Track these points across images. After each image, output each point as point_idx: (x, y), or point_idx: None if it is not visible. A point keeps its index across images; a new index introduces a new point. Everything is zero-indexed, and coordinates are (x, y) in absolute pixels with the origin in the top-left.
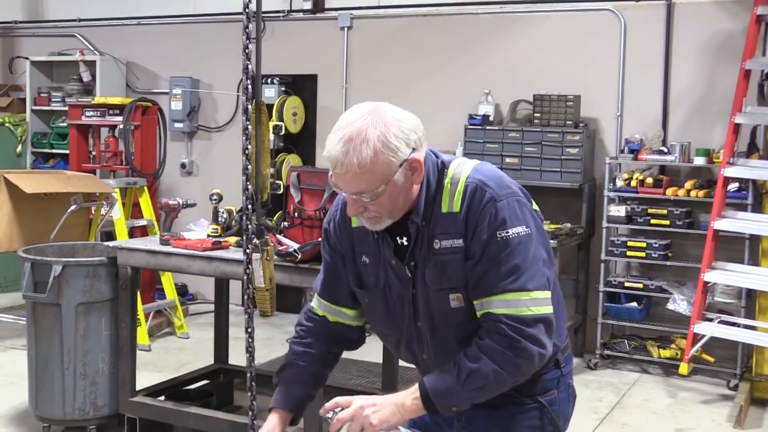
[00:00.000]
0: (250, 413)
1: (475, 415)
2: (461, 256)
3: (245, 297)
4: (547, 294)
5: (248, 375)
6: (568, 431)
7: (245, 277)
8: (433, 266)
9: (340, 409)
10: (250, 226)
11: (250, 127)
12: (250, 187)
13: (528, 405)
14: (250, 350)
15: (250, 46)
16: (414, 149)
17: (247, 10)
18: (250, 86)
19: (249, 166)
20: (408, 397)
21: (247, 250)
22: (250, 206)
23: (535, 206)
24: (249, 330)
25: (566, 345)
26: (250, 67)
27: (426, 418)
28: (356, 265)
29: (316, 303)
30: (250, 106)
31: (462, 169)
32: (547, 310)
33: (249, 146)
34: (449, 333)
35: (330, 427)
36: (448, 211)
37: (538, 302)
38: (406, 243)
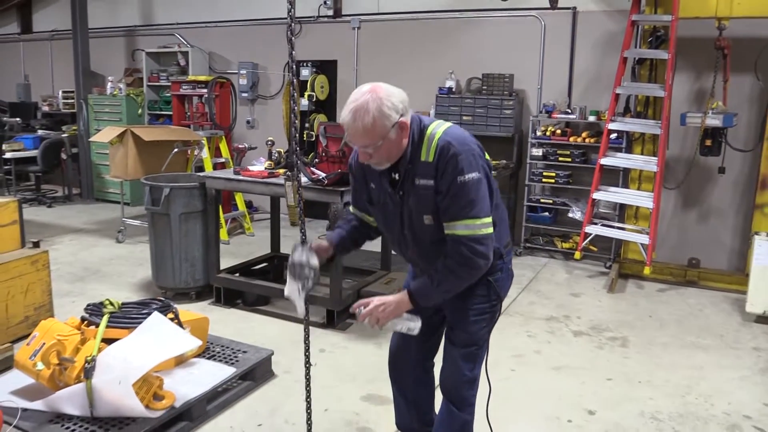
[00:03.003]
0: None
1: None
2: (432, 192)
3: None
4: (490, 219)
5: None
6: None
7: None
8: (414, 196)
9: (363, 307)
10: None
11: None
12: (293, 128)
13: (480, 282)
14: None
15: (291, 40)
16: (402, 115)
17: (290, 16)
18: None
19: (296, 121)
20: (404, 296)
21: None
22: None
23: (487, 157)
24: (301, 209)
25: (508, 242)
26: (293, 53)
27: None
28: (367, 188)
29: (351, 208)
30: (295, 80)
31: (436, 130)
32: (490, 230)
33: (295, 107)
34: (425, 238)
35: (357, 318)
36: (425, 160)
37: (485, 225)
38: (397, 178)
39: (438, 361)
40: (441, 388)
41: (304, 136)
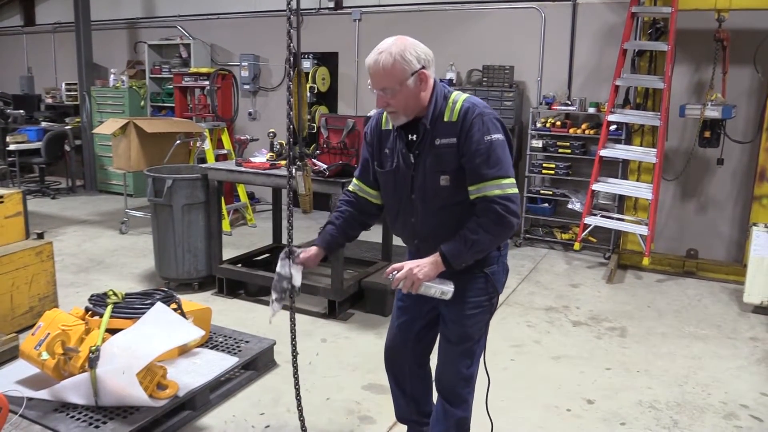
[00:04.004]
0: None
1: (443, 276)
2: (454, 150)
3: (288, 199)
4: (515, 180)
5: (287, 244)
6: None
7: (288, 187)
8: (433, 156)
9: (396, 272)
10: (292, 154)
11: (291, 86)
12: (292, 127)
13: (477, 275)
14: (290, 232)
15: (292, 32)
16: (423, 66)
17: (290, 8)
18: (292, 59)
19: (292, 113)
20: (436, 258)
21: (291, 169)
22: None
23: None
24: (290, 221)
25: None
26: (291, 45)
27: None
28: (380, 153)
29: (352, 184)
30: (292, 72)
31: (460, 96)
32: (517, 190)
33: (291, 99)
34: (435, 203)
35: (391, 284)
36: (448, 120)
37: (513, 185)
38: (414, 139)
39: (436, 359)
40: (436, 386)
41: (306, 127)
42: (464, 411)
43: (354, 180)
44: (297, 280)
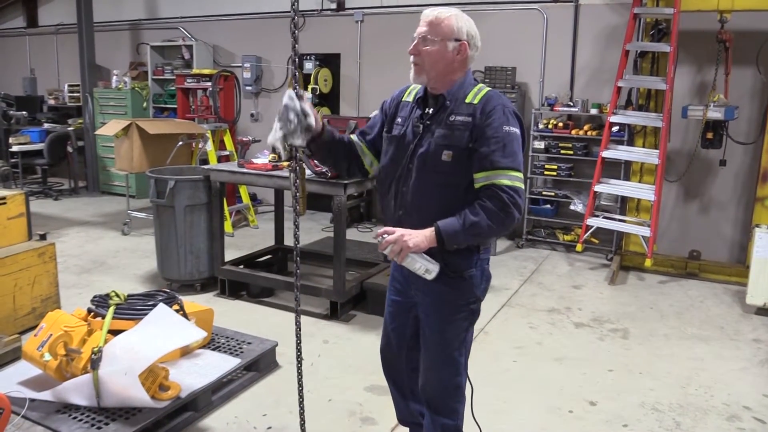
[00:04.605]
0: (295, 273)
1: (423, 280)
2: (468, 130)
3: (294, 201)
4: (523, 177)
5: (295, 250)
6: (505, 290)
7: (293, 188)
8: (444, 129)
9: (387, 234)
10: (289, 155)
11: (297, 87)
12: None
13: (454, 278)
14: (296, 234)
15: (294, 33)
16: (467, 42)
17: (293, 8)
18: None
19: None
20: (430, 232)
21: (292, 169)
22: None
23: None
24: (295, 222)
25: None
26: (296, 47)
27: (401, 281)
28: (392, 120)
29: (353, 136)
30: (297, 73)
31: (485, 87)
32: (523, 186)
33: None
34: (430, 177)
35: (379, 246)
36: (469, 102)
37: (522, 181)
38: (430, 112)
39: None
40: (421, 395)
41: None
42: (454, 420)
43: (355, 134)
44: (306, 108)
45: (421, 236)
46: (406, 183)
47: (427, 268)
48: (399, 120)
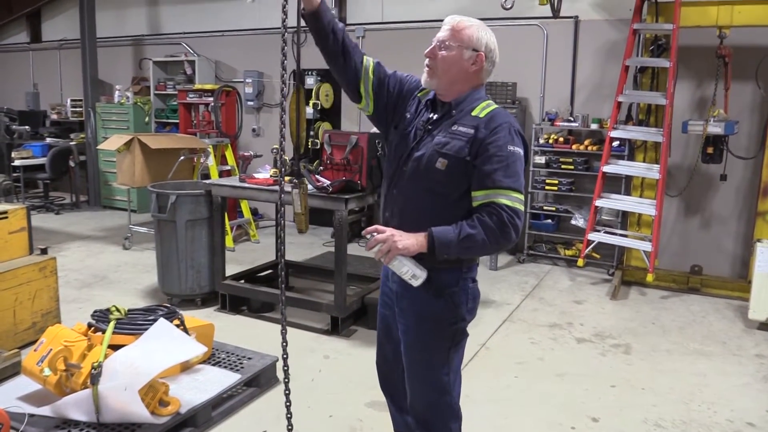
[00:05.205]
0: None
1: (404, 296)
2: (467, 141)
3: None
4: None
5: (279, 265)
6: (506, 305)
7: (278, 203)
8: (445, 137)
9: (377, 233)
10: (284, 164)
11: (285, 104)
12: (283, 143)
13: (435, 294)
14: (281, 253)
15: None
16: (485, 54)
17: (283, 24)
18: (289, 76)
19: (284, 130)
20: (422, 236)
21: (286, 186)
22: (286, 158)
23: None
24: (280, 237)
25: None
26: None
27: (389, 295)
28: (402, 114)
29: (371, 59)
30: (286, 89)
31: (493, 103)
32: (523, 208)
33: (284, 116)
34: (421, 183)
35: (367, 243)
36: (475, 115)
37: (522, 203)
38: (435, 118)
39: None
40: (411, 413)
41: (309, 143)
42: None
43: (371, 59)
44: None
45: (412, 239)
46: (397, 185)
47: (414, 273)
48: (408, 115)
